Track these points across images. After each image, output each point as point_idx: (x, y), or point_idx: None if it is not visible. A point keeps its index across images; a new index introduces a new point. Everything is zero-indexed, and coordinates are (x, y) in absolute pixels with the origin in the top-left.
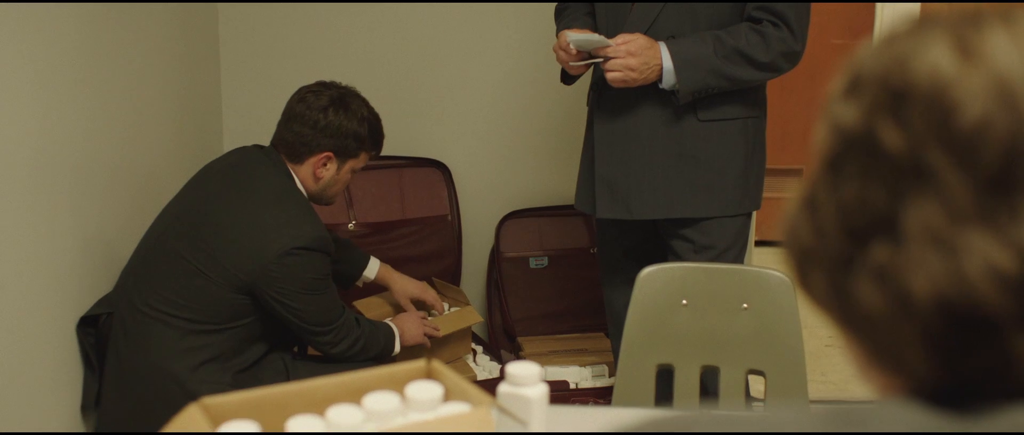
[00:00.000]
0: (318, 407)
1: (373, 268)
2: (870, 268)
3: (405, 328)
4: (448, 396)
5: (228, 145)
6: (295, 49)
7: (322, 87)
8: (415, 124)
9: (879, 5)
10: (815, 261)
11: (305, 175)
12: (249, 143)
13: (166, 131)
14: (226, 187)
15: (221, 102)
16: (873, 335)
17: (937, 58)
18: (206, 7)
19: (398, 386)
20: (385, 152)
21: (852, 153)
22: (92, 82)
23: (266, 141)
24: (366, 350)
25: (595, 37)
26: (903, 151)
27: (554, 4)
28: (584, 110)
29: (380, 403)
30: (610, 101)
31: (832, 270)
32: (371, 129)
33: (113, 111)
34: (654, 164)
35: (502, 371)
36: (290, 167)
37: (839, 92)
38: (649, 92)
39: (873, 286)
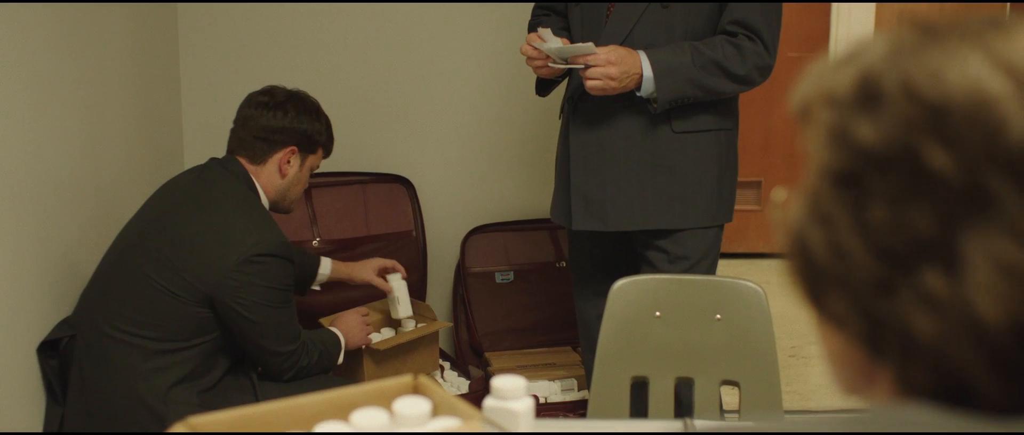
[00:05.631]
0: (305, 425)
1: (326, 266)
2: (922, 296)
3: (348, 330)
4: (436, 411)
5: (189, 160)
6: (256, 61)
7: (272, 88)
8: (379, 139)
9: (834, 7)
10: (834, 281)
11: (269, 175)
12: (210, 156)
13: (124, 146)
14: (186, 200)
15: (181, 116)
16: (916, 356)
17: (975, 71)
18: (165, 15)
19: (385, 402)
20: (349, 168)
21: (882, 172)
22: (47, 96)
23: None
24: (321, 363)
25: (579, 45)
26: (955, 174)
27: (522, 7)
28: (548, 123)
29: (368, 419)
30: (586, 112)
31: (862, 293)
32: (327, 124)
33: (68, 125)
34: (629, 175)
35: (470, 386)
36: (251, 171)
37: (841, 106)
38: (625, 102)
39: (927, 313)
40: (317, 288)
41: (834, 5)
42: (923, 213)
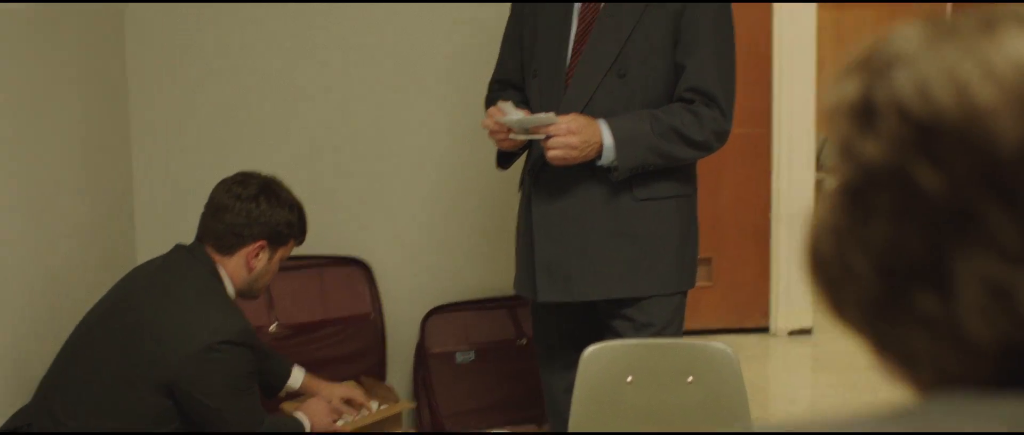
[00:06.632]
0: None
1: (297, 377)
2: (918, 318)
3: (314, 415)
4: None
5: (142, 245)
6: (209, 145)
7: (246, 176)
8: (335, 221)
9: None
10: (846, 294)
11: (236, 267)
12: (161, 242)
13: (74, 232)
14: (148, 287)
15: (133, 199)
16: (919, 370)
17: (962, 81)
18: (117, 100)
19: None
20: (305, 251)
21: (880, 189)
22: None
23: (182, 237)
24: None
25: (540, 116)
26: (944, 194)
27: (477, 81)
28: (506, 199)
29: None
30: (548, 182)
31: (868, 308)
32: (300, 216)
33: (15, 212)
34: (593, 244)
35: None
36: (218, 260)
37: (849, 119)
38: (586, 171)
39: (923, 335)
40: (283, 394)
41: (775, 81)
42: (915, 233)
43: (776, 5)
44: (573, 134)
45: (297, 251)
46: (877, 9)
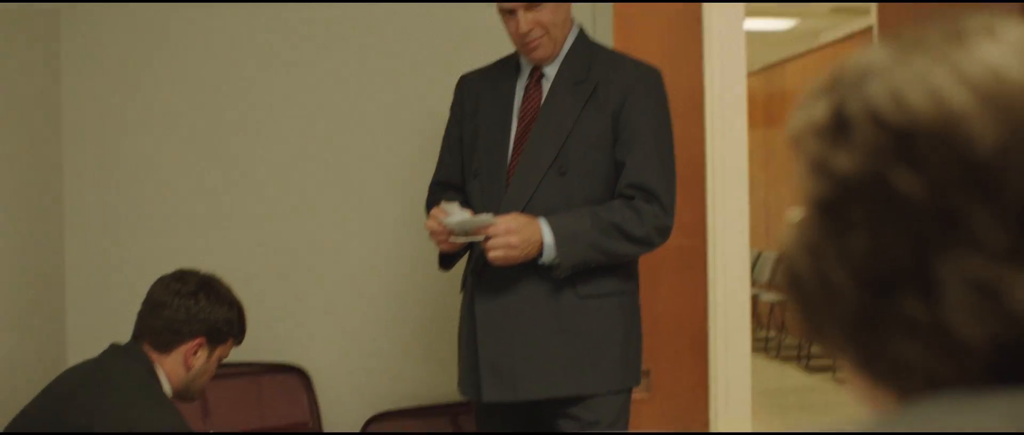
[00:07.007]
0: None
1: None
2: (903, 324)
3: None
4: None
5: (72, 347)
6: (144, 245)
7: (185, 273)
8: (272, 328)
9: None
10: (824, 311)
11: (173, 365)
12: (92, 345)
13: (4, 329)
14: (81, 388)
15: (65, 298)
16: (909, 380)
17: (936, 87)
18: (51, 210)
19: None
20: (241, 358)
21: (858, 201)
22: None
23: (116, 335)
24: None
25: (478, 217)
26: (924, 197)
27: (418, 178)
28: (448, 301)
29: None
30: (490, 281)
31: (850, 323)
32: (239, 314)
33: None
34: (537, 342)
35: None
36: (156, 359)
37: (820, 137)
38: (529, 269)
39: (909, 342)
40: None
41: (709, 191)
42: (897, 239)
43: (708, 121)
44: (512, 233)
45: (234, 357)
46: None
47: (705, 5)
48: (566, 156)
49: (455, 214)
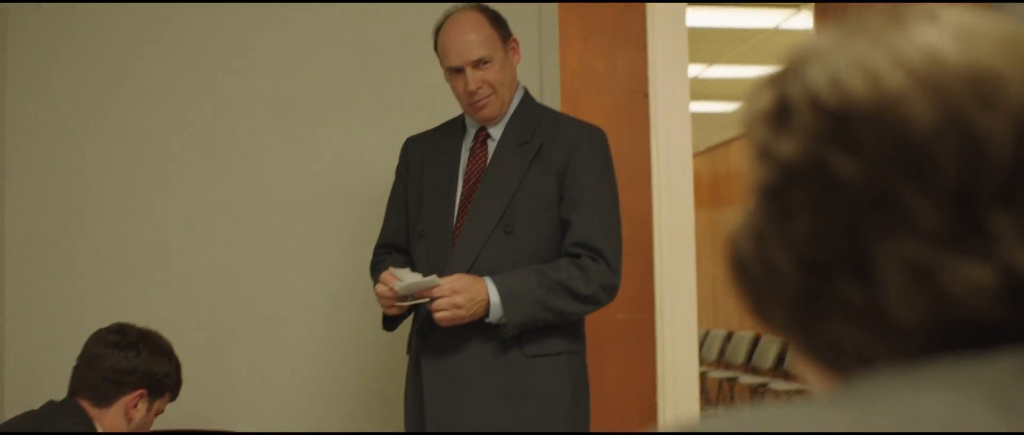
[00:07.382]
0: None
1: None
2: (841, 307)
3: None
4: None
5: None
6: (82, 302)
7: (123, 326)
8: (203, 390)
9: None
10: (769, 295)
11: (114, 418)
12: (30, 401)
13: None
14: None
15: (3, 361)
16: (848, 364)
17: (873, 69)
18: None
19: None
20: (170, 425)
21: (799, 186)
22: None
23: (54, 390)
24: None
25: (423, 279)
26: (861, 180)
27: (362, 239)
28: (394, 366)
29: None
30: (436, 341)
31: (792, 306)
32: (177, 368)
33: None
34: (484, 402)
35: None
36: (94, 415)
37: (765, 124)
38: (475, 329)
39: (846, 324)
40: None
41: (656, 266)
42: (836, 223)
43: (655, 196)
44: (458, 293)
45: (161, 424)
46: None
47: (651, 83)
48: (512, 215)
49: (407, 277)
